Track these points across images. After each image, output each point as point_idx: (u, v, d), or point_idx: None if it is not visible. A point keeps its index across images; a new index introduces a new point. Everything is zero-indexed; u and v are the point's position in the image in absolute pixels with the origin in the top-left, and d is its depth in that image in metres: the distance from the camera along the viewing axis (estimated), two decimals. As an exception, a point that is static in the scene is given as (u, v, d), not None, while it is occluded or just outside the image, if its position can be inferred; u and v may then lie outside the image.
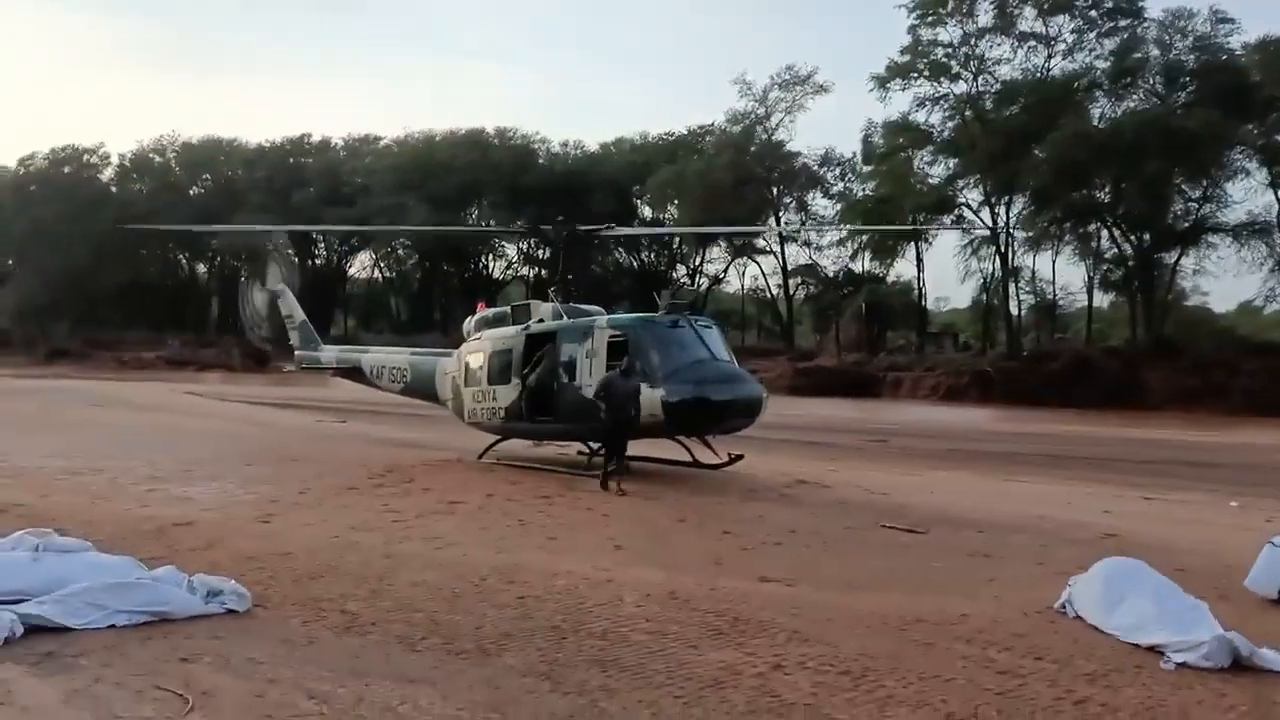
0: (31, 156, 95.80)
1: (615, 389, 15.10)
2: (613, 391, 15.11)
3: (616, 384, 15.17)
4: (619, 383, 15.18)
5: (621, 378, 15.24)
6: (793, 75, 74.53)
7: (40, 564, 7.45)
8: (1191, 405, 47.70)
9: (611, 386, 15.17)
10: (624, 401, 15.11)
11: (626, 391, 15.14)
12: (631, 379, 15.27)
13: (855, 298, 74.29)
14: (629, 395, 15.15)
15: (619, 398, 15.08)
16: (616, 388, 15.12)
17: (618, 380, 15.21)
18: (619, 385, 15.14)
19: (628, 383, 15.20)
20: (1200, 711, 6.18)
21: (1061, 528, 13.16)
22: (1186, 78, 58.97)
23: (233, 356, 73.83)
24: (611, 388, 15.15)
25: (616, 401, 15.06)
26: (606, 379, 15.50)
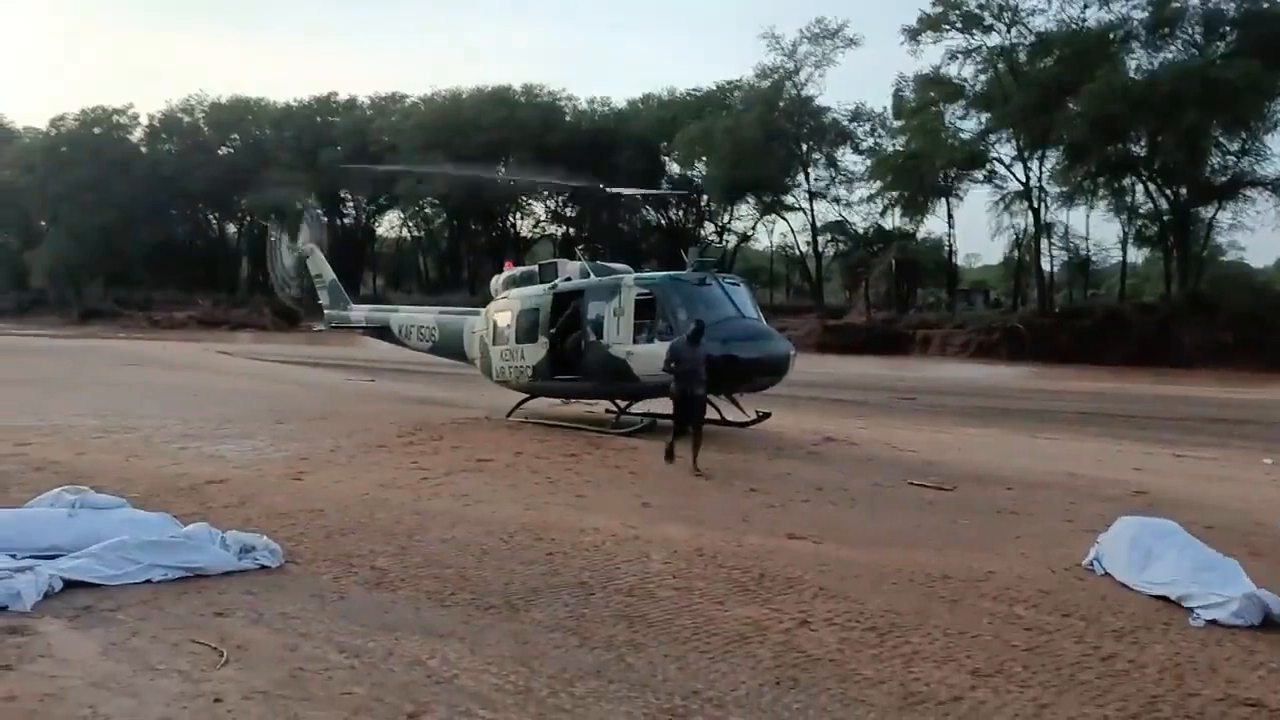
0: (62, 118, 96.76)
1: (683, 356, 13.81)
2: (681, 359, 13.80)
3: (684, 351, 13.88)
4: (686, 350, 13.88)
5: (689, 344, 13.90)
6: (823, 29, 73.56)
7: (76, 520, 7.59)
8: (1225, 362, 47.17)
9: (679, 354, 13.86)
10: (693, 369, 13.82)
11: (696, 359, 13.87)
12: (700, 346, 13.91)
13: (885, 254, 73.73)
14: (698, 364, 13.87)
15: (687, 365, 13.80)
16: (684, 355, 13.84)
17: (684, 347, 13.93)
18: (686, 353, 13.86)
19: (696, 350, 13.89)
20: (1229, 668, 6.16)
21: (1091, 485, 13.10)
22: (1227, 27, 57.72)
23: (263, 316, 74.53)
24: (679, 355, 13.85)
25: (685, 369, 13.76)
26: (674, 346, 14.15)
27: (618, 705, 5.26)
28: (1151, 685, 5.82)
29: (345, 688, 5.28)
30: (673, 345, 14.17)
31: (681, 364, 13.76)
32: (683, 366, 13.76)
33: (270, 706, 4.98)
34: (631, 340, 16.73)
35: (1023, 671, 5.98)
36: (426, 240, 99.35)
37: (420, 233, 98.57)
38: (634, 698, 5.37)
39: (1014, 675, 5.91)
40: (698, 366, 13.85)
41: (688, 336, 14.01)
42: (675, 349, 13.99)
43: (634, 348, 16.66)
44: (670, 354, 13.98)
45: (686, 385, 13.80)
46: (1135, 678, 5.94)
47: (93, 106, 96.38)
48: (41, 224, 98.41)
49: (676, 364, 13.77)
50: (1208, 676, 6.00)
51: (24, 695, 4.97)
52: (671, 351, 13.99)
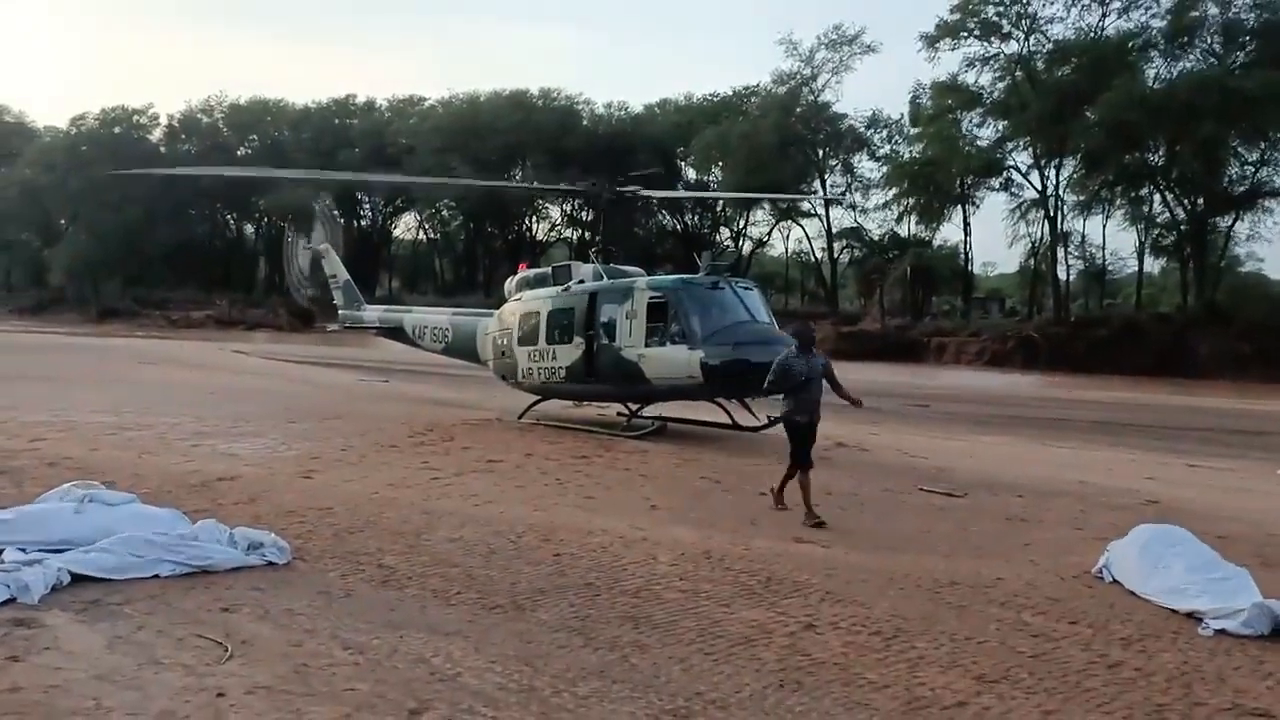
0: (83, 116, 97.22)
1: (794, 370, 10.98)
2: (792, 373, 10.97)
3: (794, 364, 11.04)
4: (798, 362, 11.04)
5: (799, 356, 11.11)
6: (840, 35, 73.58)
7: (86, 514, 7.62)
8: (1242, 373, 46.88)
9: (789, 368, 11.01)
10: (808, 386, 10.95)
11: (811, 372, 11.00)
12: (814, 355, 11.21)
13: (900, 261, 73.61)
14: (815, 378, 11.02)
15: (802, 381, 10.95)
16: (796, 368, 10.99)
17: (794, 359, 11.09)
18: (798, 365, 11.01)
19: (810, 360, 11.08)
20: (1237, 678, 6.11)
21: (1102, 493, 13.04)
22: (1246, 37, 57.40)
23: (279, 316, 74.84)
24: (789, 370, 11.01)
25: (798, 386, 10.96)
26: (781, 361, 11.15)
27: (621, 705, 5.26)
28: (1159, 694, 5.78)
29: (348, 684, 5.29)
30: (779, 360, 11.15)
31: (792, 380, 10.94)
32: (794, 383, 10.94)
33: (273, 701, 4.99)
34: (644, 343, 16.74)
35: (1028, 678, 5.95)
36: (442, 242, 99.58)
37: (436, 235, 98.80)
38: (637, 698, 5.36)
39: (1020, 682, 5.88)
40: (814, 382, 11.00)
41: (797, 345, 11.25)
42: (783, 363, 11.08)
43: (646, 351, 16.66)
44: (777, 370, 11.05)
45: (800, 407, 10.96)
46: (1142, 686, 5.91)
47: (113, 106, 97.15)
48: (61, 222, 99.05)
49: (785, 380, 10.98)
50: (1215, 686, 5.96)
51: (29, 687, 5.00)
52: (779, 368, 11.06)
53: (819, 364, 11.14)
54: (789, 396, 11.03)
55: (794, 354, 11.13)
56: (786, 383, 10.99)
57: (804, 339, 11.32)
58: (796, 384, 10.92)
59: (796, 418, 10.99)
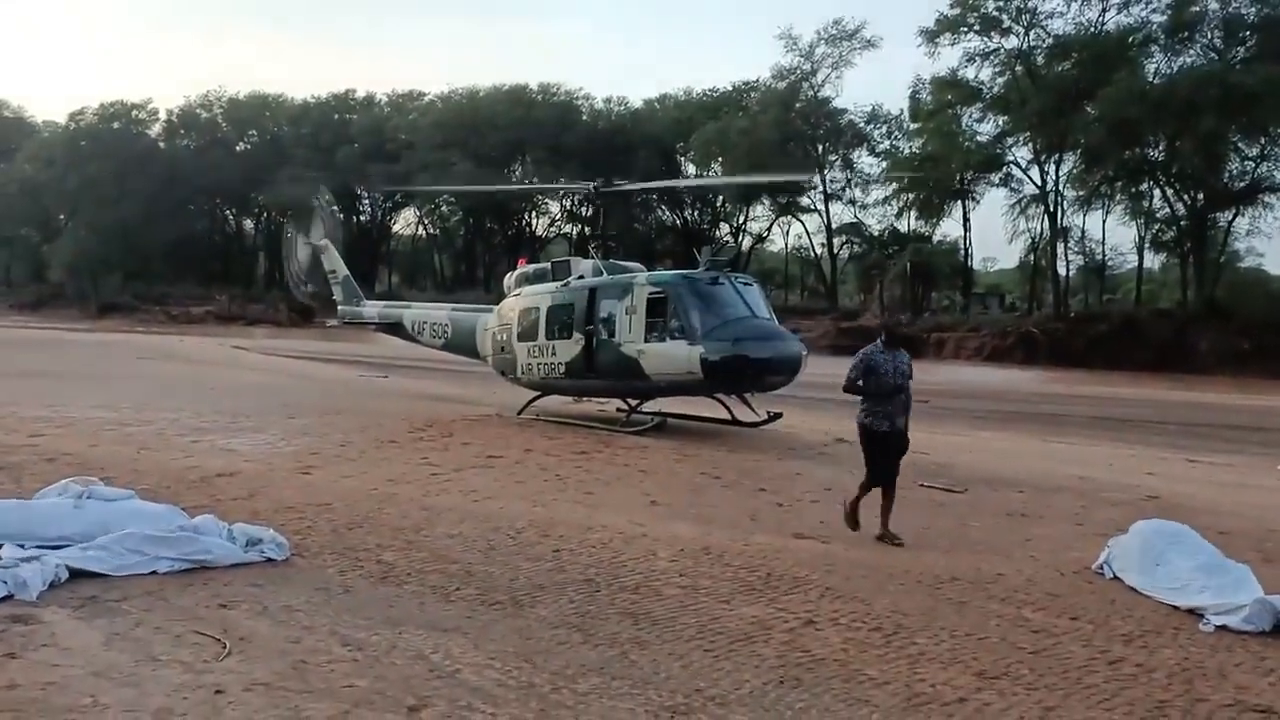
0: (82, 112, 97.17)
1: (880, 369, 9.42)
2: (876, 371, 9.44)
3: (880, 361, 9.47)
4: (884, 359, 9.50)
5: (885, 351, 9.60)
6: (840, 30, 73.64)
7: (84, 511, 7.59)
8: (1242, 368, 46.89)
9: (874, 365, 9.45)
10: (895, 388, 9.45)
11: (898, 372, 9.49)
12: (901, 353, 9.71)
13: (900, 257, 73.67)
14: (903, 379, 9.52)
15: (887, 382, 9.43)
16: (881, 366, 9.43)
17: (879, 354, 9.54)
18: (884, 363, 9.46)
19: (896, 359, 9.57)
20: (1238, 674, 6.10)
21: (1103, 489, 13.03)
22: (1246, 32, 57.34)
23: (279, 311, 74.89)
24: (874, 367, 9.44)
25: (882, 388, 9.43)
26: (865, 354, 9.62)
27: (620, 702, 5.23)
28: (1160, 690, 5.77)
29: (347, 680, 5.26)
30: (863, 354, 9.63)
31: (877, 380, 9.42)
32: (879, 384, 9.42)
33: (271, 698, 4.96)
34: (643, 339, 16.72)
35: (1029, 674, 5.93)
36: (442, 238, 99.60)
37: (436, 230, 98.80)
38: (636, 695, 5.34)
39: (1020, 678, 5.86)
40: (902, 384, 9.51)
41: (883, 340, 9.75)
42: (867, 357, 9.53)
43: (645, 346, 16.64)
44: (860, 365, 9.50)
45: (883, 412, 9.46)
46: (1143, 682, 5.89)
47: (112, 101, 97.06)
48: (60, 218, 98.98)
49: (867, 379, 9.44)
50: (1217, 682, 5.94)
51: (26, 683, 4.97)
52: (862, 362, 9.50)
53: (905, 362, 9.60)
54: (867, 399, 9.48)
55: (879, 348, 9.54)
56: (870, 384, 9.37)
57: (892, 332, 9.95)
58: (883, 385, 9.37)
59: (874, 424, 9.48)
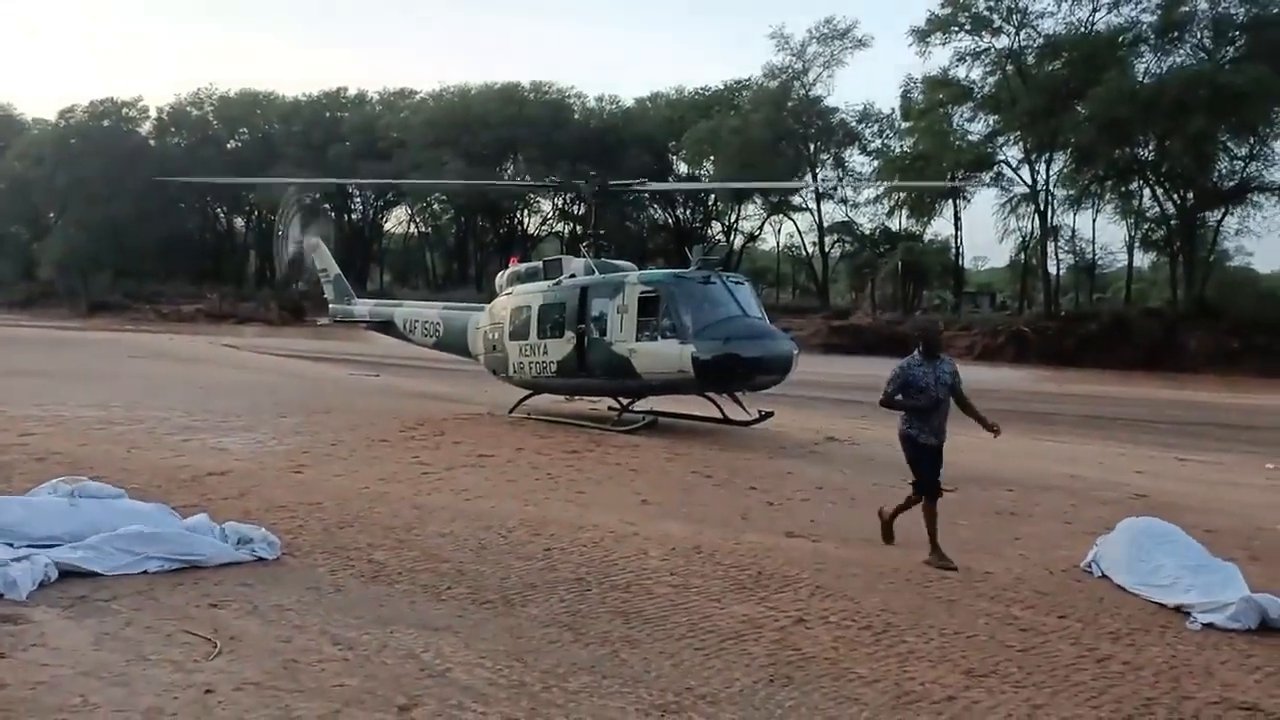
0: (71, 109, 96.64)
1: (919, 382, 8.72)
2: (915, 385, 8.74)
3: (918, 373, 8.74)
4: (923, 371, 8.74)
5: (924, 362, 8.76)
6: (831, 29, 73.58)
7: (75, 510, 7.58)
8: (1231, 367, 47.07)
9: (912, 377, 8.74)
10: (935, 402, 8.75)
11: (938, 383, 8.72)
12: (941, 363, 8.84)
13: (891, 256, 73.80)
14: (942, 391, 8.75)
15: (928, 394, 8.71)
16: (920, 380, 8.72)
17: (917, 366, 8.76)
18: (924, 376, 8.72)
19: (936, 370, 8.76)
20: (1225, 671, 6.14)
21: (1092, 487, 13.08)
22: (1236, 32, 57.52)
23: (270, 310, 74.75)
24: (913, 379, 8.74)
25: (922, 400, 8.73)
26: (903, 367, 8.83)
27: (611, 700, 5.25)
28: (1147, 688, 5.80)
29: (338, 680, 5.27)
30: (901, 366, 8.85)
31: (917, 392, 8.73)
32: (919, 397, 8.73)
33: (261, 697, 4.97)
34: (634, 338, 16.73)
35: (1017, 672, 5.96)
36: (434, 236, 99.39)
37: (428, 229, 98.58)
38: (627, 693, 5.36)
39: (1009, 676, 5.90)
40: (941, 398, 8.79)
41: (920, 350, 8.83)
42: (905, 371, 8.79)
43: (636, 345, 16.66)
44: (897, 379, 8.79)
45: (926, 425, 8.79)
46: (1131, 680, 5.92)
47: (102, 98, 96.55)
48: (50, 216, 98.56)
49: (907, 392, 8.77)
50: (1203, 680, 5.98)
51: (15, 683, 4.97)
52: (900, 376, 8.79)
53: (947, 371, 8.81)
54: (911, 411, 8.78)
55: (917, 359, 8.72)
56: (909, 398, 8.72)
57: (930, 339, 8.88)
58: (922, 398, 8.70)
59: (921, 437, 8.81)
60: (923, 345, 8.86)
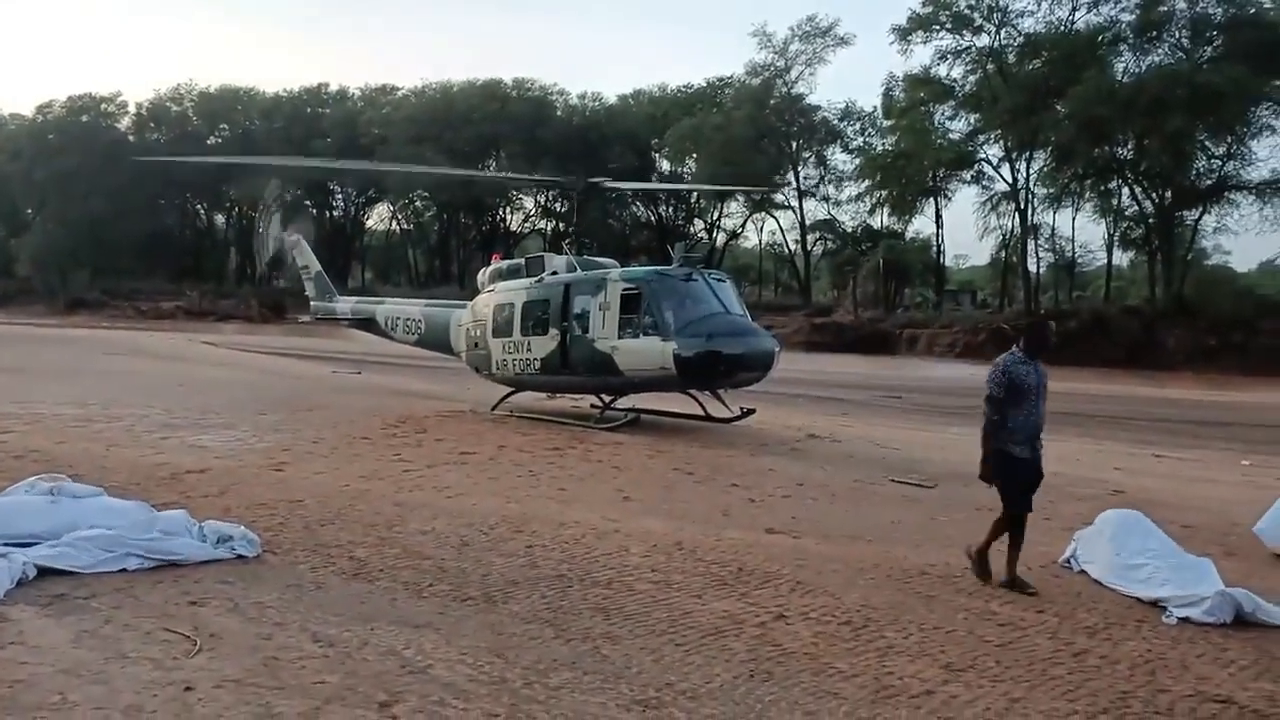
0: (49, 104, 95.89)
1: (1023, 382, 7.80)
2: (1019, 384, 7.79)
3: (1021, 373, 7.82)
4: (1025, 371, 7.84)
5: (1028, 362, 7.90)
6: (814, 27, 73.82)
7: (53, 508, 7.54)
8: (1209, 365, 47.42)
9: (1016, 378, 7.79)
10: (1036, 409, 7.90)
11: (1040, 387, 7.89)
12: (1040, 364, 7.97)
13: (873, 254, 74.01)
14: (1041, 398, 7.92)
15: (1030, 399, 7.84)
16: (1024, 380, 7.80)
17: (1020, 366, 7.85)
18: (1027, 375, 7.82)
19: (1037, 371, 7.91)
20: (1199, 665, 6.20)
21: (1070, 484, 13.15)
22: (1213, 32, 57.93)
23: (250, 307, 74.42)
24: (1017, 380, 7.79)
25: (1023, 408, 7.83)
26: (1005, 366, 7.86)
27: (592, 696, 5.27)
28: (1123, 681, 5.86)
29: (318, 677, 5.27)
30: (1003, 365, 7.89)
31: (1018, 395, 7.79)
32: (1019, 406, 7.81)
33: (241, 695, 4.96)
34: (617, 335, 16.75)
35: (995, 666, 6.01)
36: (416, 233, 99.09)
37: (410, 226, 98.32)
38: (608, 689, 5.37)
39: (986, 670, 5.94)
40: (1041, 401, 7.95)
41: (1024, 347, 7.99)
42: (1008, 369, 7.84)
43: (619, 342, 16.67)
44: (1001, 379, 7.80)
45: (1020, 435, 7.87)
46: (1107, 674, 5.98)
47: (80, 94, 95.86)
48: (28, 212, 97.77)
49: (1009, 391, 7.79)
50: (1179, 673, 6.04)
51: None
52: (1004, 375, 7.81)
53: (1044, 374, 7.98)
54: (1008, 420, 7.83)
55: (1018, 356, 7.90)
56: (1012, 395, 7.76)
57: (1039, 340, 8.07)
58: (1023, 407, 7.78)
59: (1014, 449, 7.87)
60: (1024, 340, 7.98)
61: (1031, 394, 7.82)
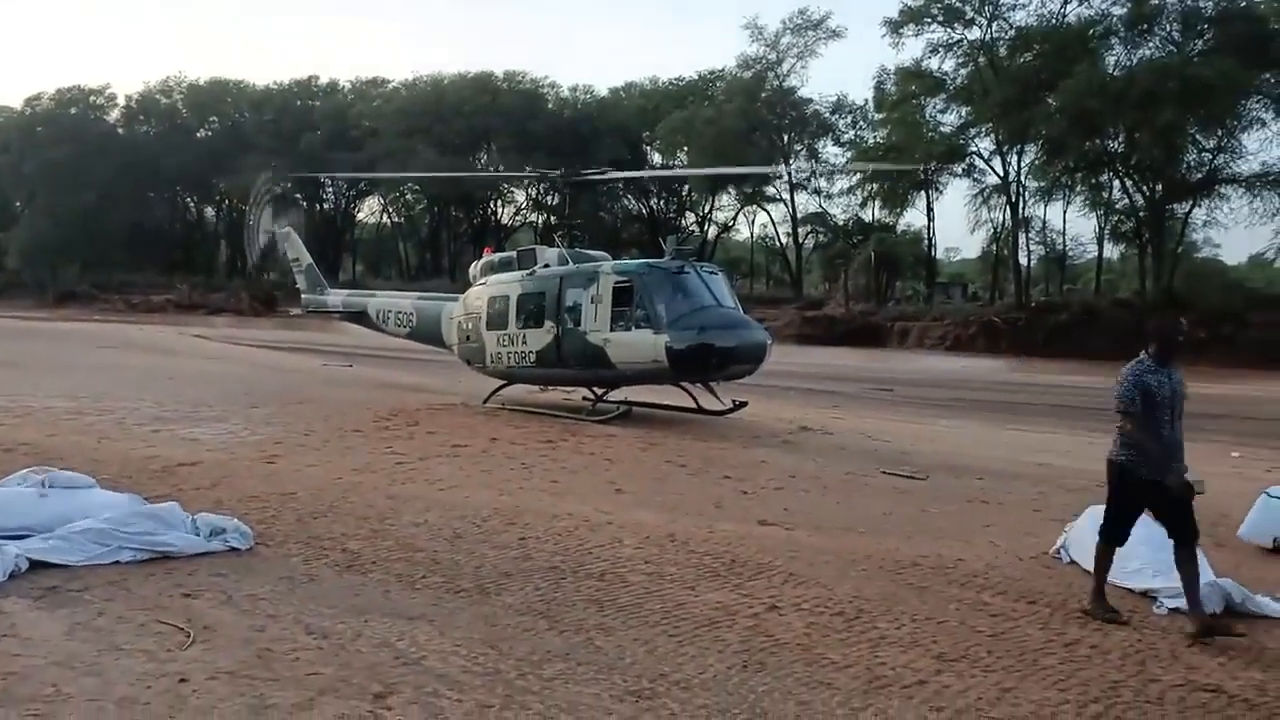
0: (38, 97, 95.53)
1: (1158, 391, 6.85)
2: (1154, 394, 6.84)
3: (1154, 382, 6.86)
4: (1159, 381, 6.88)
5: (1158, 369, 6.91)
6: (805, 19, 73.56)
7: (45, 500, 7.53)
8: (1198, 357, 47.35)
9: (1149, 388, 6.84)
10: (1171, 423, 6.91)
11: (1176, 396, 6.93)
12: (1175, 373, 6.97)
13: (864, 247, 74.05)
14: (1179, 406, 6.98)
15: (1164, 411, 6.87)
16: (1158, 389, 6.85)
17: (1152, 373, 6.90)
18: (1161, 385, 6.87)
19: (1172, 378, 6.93)
20: (1189, 655, 6.25)
21: (1061, 476, 13.23)
22: (1204, 25, 57.93)
23: (241, 300, 74.13)
24: (1151, 390, 6.84)
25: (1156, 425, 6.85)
26: (1135, 373, 6.91)
27: (585, 687, 5.28)
28: (1113, 671, 5.90)
29: (312, 668, 5.28)
30: (1133, 372, 6.92)
31: (1154, 406, 6.84)
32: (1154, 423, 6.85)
33: (236, 686, 4.97)
34: (609, 328, 16.74)
35: (987, 656, 6.05)
36: (407, 226, 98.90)
37: (401, 219, 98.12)
38: (601, 680, 5.39)
39: (978, 660, 5.98)
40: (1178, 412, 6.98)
41: (1155, 351, 7.02)
42: (1137, 377, 6.90)
43: (611, 335, 16.67)
44: (1134, 388, 6.85)
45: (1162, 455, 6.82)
46: (1097, 663, 6.03)
47: (69, 86, 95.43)
48: (17, 205, 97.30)
49: (1145, 406, 6.83)
50: (1169, 663, 6.09)
51: (-13, 673, 4.95)
52: (1136, 385, 6.86)
53: (1180, 383, 7.02)
54: (1143, 436, 6.86)
55: (1147, 364, 6.95)
56: (1149, 405, 6.82)
57: (1169, 341, 7.08)
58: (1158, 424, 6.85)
59: (1143, 471, 6.91)
60: (1157, 346, 7.01)
61: (1165, 407, 6.85)
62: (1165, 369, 6.94)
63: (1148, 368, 6.93)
